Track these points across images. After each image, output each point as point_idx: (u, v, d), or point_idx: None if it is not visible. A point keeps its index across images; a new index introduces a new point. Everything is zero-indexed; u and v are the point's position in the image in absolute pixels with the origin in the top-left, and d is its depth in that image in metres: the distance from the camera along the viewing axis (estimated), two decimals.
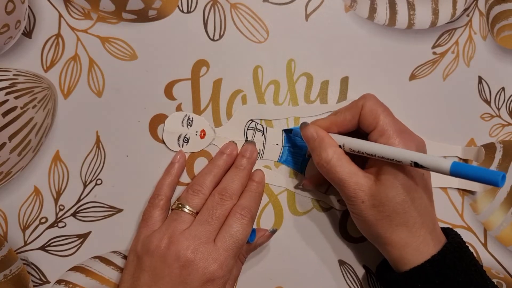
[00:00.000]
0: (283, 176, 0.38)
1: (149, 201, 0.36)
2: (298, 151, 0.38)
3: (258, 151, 0.38)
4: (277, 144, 0.38)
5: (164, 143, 0.37)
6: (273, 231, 0.37)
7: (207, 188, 0.35)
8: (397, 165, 0.30)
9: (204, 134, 0.38)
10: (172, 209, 0.35)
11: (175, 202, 0.35)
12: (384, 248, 0.32)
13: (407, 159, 0.28)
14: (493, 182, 0.25)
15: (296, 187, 0.38)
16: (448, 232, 0.33)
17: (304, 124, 0.35)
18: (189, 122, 0.38)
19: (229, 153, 0.37)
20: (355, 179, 0.31)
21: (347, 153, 0.33)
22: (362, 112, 0.33)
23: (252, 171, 0.37)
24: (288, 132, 0.38)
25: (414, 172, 0.31)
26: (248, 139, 0.38)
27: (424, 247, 0.30)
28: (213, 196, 0.34)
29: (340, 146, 0.33)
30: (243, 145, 0.38)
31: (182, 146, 0.37)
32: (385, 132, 0.31)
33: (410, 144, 0.31)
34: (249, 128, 0.38)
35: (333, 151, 0.32)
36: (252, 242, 0.35)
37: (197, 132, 0.38)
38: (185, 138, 0.37)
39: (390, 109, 0.33)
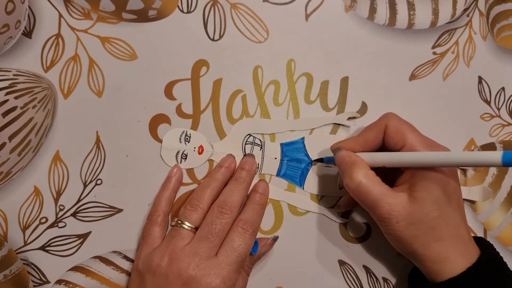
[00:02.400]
0: (280, 189, 0.38)
1: (147, 217, 0.36)
2: (297, 165, 0.38)
3: (257, 165, 0.38)
4: (275, 158, 0.38)
5: (163, 160, 0.37)
6: (275, 239, 0.37)
7: (205, 203, 0.34)
8: (429, 181, 0.30)
9: (202, 150, 0.38)
10: (171, 226, 0.34)
11: (173, 218, 0.35)
12: (420, 263, 0.32)
13: (454, 161, 0.28)
14: None
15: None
16: (481, 243, 0.33)
17: (338, 149, 0.34)
18: (187, 138, 0.38)
19: (227, 166, 0.36)
20: (387, 200, 0.30)
21: (378, 172, 0.32)
22: (388, 131, 0.32)
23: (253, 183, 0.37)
24: (319, 161, 0.38)
25: (447, 186, 0.30)
26: (245, 154, 0.38)
27: (460, 260, 0.30)
28: (213, 210, 0.34)
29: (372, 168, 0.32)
30: (242, 158, 0.37)
31: (181, 163, 0.37)
32: (415, 149, 0.31)
33: None
34: (247, 142, 0.38)
35: (363, 174, 0.31)
36: (255, 254, 0.35)
37: (195, 148, 0.38)
38: (183, 154, 0.38)
39: (392, 110, 0.33)
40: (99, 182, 0.37)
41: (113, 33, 0.38)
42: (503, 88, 0.41)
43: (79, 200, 0.37)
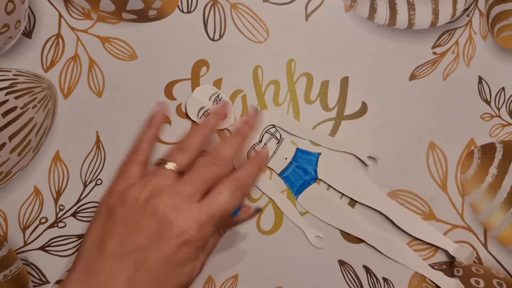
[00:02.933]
0: (276, 188, 0.38)
1: (126, 155, 0.33)
2: (301, 174, 0.38)
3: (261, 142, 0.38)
4: (285, 158, 0.38)
5: (186, 110, 0.38)
6: (257, 209, 0.35)
7: (194, 148, 0.32)
8: None
9: (225, 117, 0.38)
10: (155, 165, 0.32)
11: (158, 158, 0.32)
12: None
13: None
14: None
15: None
16: None
17: None
18: (216, 100, 0.38)
19: (220, 113, 0.34)
20: None
21: None
22: None
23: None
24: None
25: None
26: (261, 142, 0.38)
27: None
28: (204, 158, 0.31)
29: None
30: (248, 112, 0.36)
31: (200, 118, 0.38)
32: None
33: None
34: (267, 131, 0.38)
35: None
36: (236, 215, 0.33)
37: None
38: (206, 112, 0.38)
39: (392, 110, 0.33)
40: (99, 182, 0.37)
41: (113, 33, 0.38)
42: (503, 88, 0.41)
43: (79, 200, 0.37)
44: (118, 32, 0.38)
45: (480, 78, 0.41)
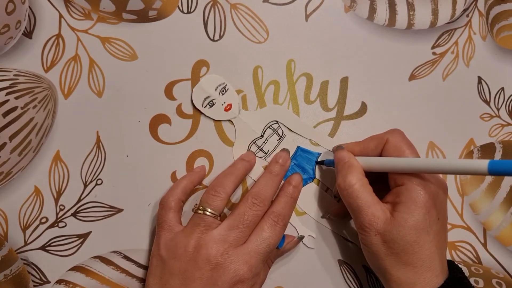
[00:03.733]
0: None
1: (160, 204, 0.35)
2: (300, 172, 0.38)
3: (266, 152, 0.38)
4: None
5: (191, 97, 0.38)
6: (301, 238, 0.37)
7: (229, 189, 0.34)
8: (413, 204, 0.30)
9: (229, 109, 0.38)
10: (194, 212, 0.34)
11: (196, 204, 0.34)
12: (387, 283, 0.32)
13: (442, 168, 0.28)
14: None
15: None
16: (451, 267, 0.32)
17: (340, 148, 0.35)
18: (223, 91, 0.38)
19: (249, 160, 0.37)
20: (373, 210, 0.31)
21: (371, 178, 0.33)
22: (387, 146, 0.33)
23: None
24: (320, 163, 0.38)
25: (430, 212, 0.30)
26: (263, 136, 0.38)
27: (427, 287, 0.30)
28: (246, 200, 0.33)
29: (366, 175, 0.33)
30: (278, 152, 0.38)
31: (204, 107, 0.38)
32: None
33: (431, 182, 0.31)
34: (270, 127, 0.38)
35: (358, 178, 0.32)
36: (281, 248, 0.35)
37: (224, 102, 0.38)
38: (211, 102, 0.38)
39: (391, 110, 0.33)
40: (99, 182, 0.37)
41: (113, 33, 0.38)
42: (502, 88, 0.41)
43: (79, 200, 0.37)
44: (118, 32, 0.38)
45: (479, 78, 0.41)
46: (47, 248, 0.37)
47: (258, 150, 0.38)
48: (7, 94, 0.36)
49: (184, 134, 0.38)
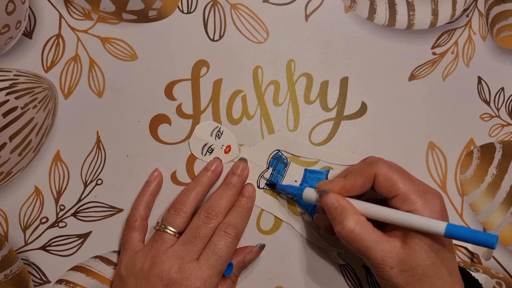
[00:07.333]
0: (285, 209, 0.38)
1: (125, 223, 0.36)
2: None
3: (277, 181, 0.38)
4: (295, 181, 0.38)
5: (189, 148, 0.38)
6: (262, 246, 0.37)
7: (189, 207, 0.34)
8: None
9: (229, 150, 0.38)
10: (155, 230, 0.35)
11: (157, 223, 0.35)
12: None
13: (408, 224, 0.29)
14: (489, 244, 0.26)
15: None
16: (465, 276, 0.32)
17: (325, 192, 0.33)
18: (218, 135, 0.38)
19: (214, 169, 0.37)
20: (382, 246, 0.30)
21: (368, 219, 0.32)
22: (377, 180, 0.32)
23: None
24: (270, 186, 0.38)
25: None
26: (268, 168, 0.38)
27: None
28: (199, 215, 0.34)
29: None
30: (235, 162, 0.37)
31: (205, 155, 0.38)
32: (407, 198, 0.31)
33: (433, 204, 0.31)
34: (273, 157, 0.38)
35: (355, 220, 0.31)
36: (228, 276, 0.34)
37: (222, 145, 0.38)
38: (210, 148, 0.38)
39: (391, 110, 0.33)
40: (99, 182, 0.37)
41: (113, 33, 0.38)
42: (502, 88, 0.41)
43: (79, 200, 0.37)
44: (118, 32, 0.38)
45: (479, 78, 0.41)
46: (48, 248, 0.37)
47: (268, 182, 0.38)
48: (7, 94, 0.36)
49: (184, 134, 0.38)
